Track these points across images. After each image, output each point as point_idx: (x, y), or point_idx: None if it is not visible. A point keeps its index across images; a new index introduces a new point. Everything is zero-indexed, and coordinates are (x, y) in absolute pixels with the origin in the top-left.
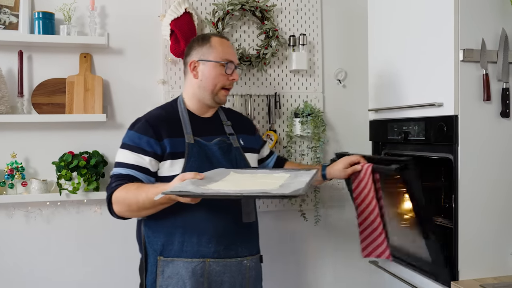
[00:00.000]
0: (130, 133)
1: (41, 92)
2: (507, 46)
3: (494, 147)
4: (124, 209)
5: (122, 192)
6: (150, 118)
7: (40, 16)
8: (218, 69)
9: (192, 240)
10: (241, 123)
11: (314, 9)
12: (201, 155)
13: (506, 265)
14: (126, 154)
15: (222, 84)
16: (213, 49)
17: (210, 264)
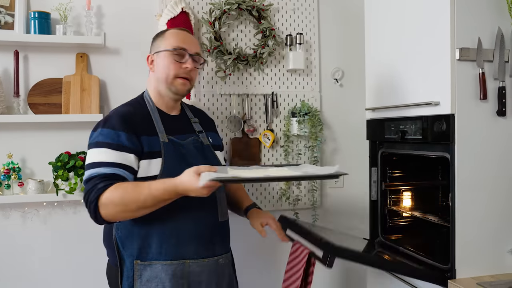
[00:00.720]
0: (104, 131)
1: (37, 92)
2: (503, 45)
3: (490, 146)
4: (118, 209)
5: (115, 192)
6: (124, 114)
7: (36, 15)
8: (169, 58)
9: (171, 242)
10: (207, 120)
11: (311, 8)
12: (176, 155)
13: (503, 263)
14: (105, 152)
15: (175, 73)
16: (165, 40)
17: (190, 265)
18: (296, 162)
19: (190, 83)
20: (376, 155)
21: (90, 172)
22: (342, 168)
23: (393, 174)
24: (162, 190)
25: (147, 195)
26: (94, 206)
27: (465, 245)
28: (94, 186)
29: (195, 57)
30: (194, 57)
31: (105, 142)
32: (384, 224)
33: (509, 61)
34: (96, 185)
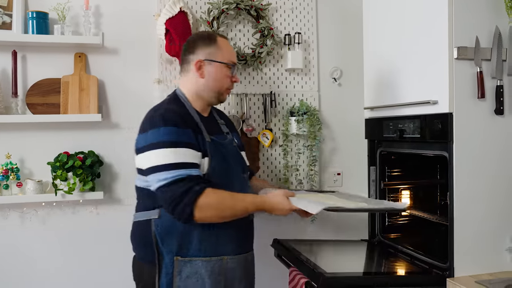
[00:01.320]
0: (168, 129)
1: (36, 92)
2: (500, 44)
3: (488, 144)
4: (214, 213)
5: (213, 197)
6: (179, 111)
7: (34, 15)
8: (224, 71)
9: (211, 239)
10: (229, 121)
11: (309, 7)
12: (219, 154)
13: (501, 262)
14: (178, 152)
15: (228, 86)
16: (220, 50)
17: (227, 262)
18: (295, 162)
19: None
20: (374, 154)
21: (173, 173)
22: (340, 167)
23: (392, 173)
24: (253, 204)
25: (241, 206)
26: (190, 208)
27: (463, 244)
28: (190, 188)
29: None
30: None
31: (171, 141)
32: (383, 223)
33: (506, 60)
34: (192, 187)
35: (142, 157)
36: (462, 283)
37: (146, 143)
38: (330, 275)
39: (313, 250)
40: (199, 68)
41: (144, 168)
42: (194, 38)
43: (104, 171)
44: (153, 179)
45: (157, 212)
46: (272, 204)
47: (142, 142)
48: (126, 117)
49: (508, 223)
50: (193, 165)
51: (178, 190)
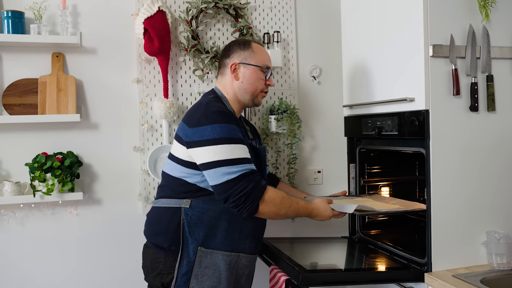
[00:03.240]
0: (225, 126)
1: (12, 92)
2: (474, 42)
3: (464, 141)
4: (274, 209)
5: (276, 194)
6: (229, 110)
7: (9, 15)
8: (258, 74)
9: (234, 235)
10: (252, 128)
11: (288, 6)
12: (254, 157)
13: (477, 256)
14: (240, 148)
15: (262, 88)
16: (254, 54)
17: (241, 259)
18: (275, 160)
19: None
20: (354, 152)
21: (240, 168)
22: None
23: (371, 170)
24: (304, 209)
25: (295, 208)
26: (258, 202)
27: (440, 239)
28: (258, 183)
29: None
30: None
31: (231, 137)
32: (363, 220)
33: (480, 58)
34: (259, 182)
35: (198, 151)
36: (439, 277)
37: (204, 138)
38: (309, 272)
39: (293, 248)
40: (234, 70)
41: (200, 161)
42: (230, 44)
43: (83, 171)
44: (216, 173)
45: (188, 202)
46: (319, 210)
47: (197, 136)
48: (105, 117)
49: (483, 217)
50: (251, 161)
51: (249, 184)
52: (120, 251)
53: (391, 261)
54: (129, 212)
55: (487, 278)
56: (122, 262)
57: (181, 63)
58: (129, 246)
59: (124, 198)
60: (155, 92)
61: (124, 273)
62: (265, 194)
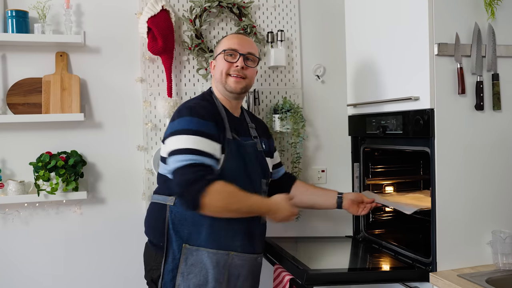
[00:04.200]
0: (193, 120)
1: (17, 92)
2: (480, 40)
3: (469, 139)
4: (220, 205)
5: (224, 188)
6: (206, 106)
7: (14, 14)
8: (222, 59)
9: (220, 233)
10: (262, 126)
11: (292, 5)
12: (238, 154)
13: (482, 255)
14: (200, 141)
15: (226, 71)
16: (220, 44)
17: (233, 257)
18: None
19: (245, 81)
20: (358, 151)
21: (189, 157)
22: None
23: (375, 169)
24: (257, 205)
25: (248, 204)
26: (199, 195)
27: (445, 239)
28: (202, 176)
29: (249, 56)
30: (247, 56)
31: (193, 129)
32: (367, 219)
33: (486, 56)
34: (204, 176)
35: (165, 143)
36: (444, 277)
37: (171, 131)
38: (314, 272)
39: (297, 247)
40: (213, 68)
41: (165, 154)
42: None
43: (87, 170)
44: (171, 162)
45: (173, 199)
46: (278, 207)
47: (168, 130)
48: (109, 116)
49: (489, 217)
50: (209, 155)
51: (191, 175)
52: (124, 250)
53: (396, 261)
54: (133, 211)
55: (492, 278)
56: (126, 261)
57: (184, 62)
58: (133, 245)
59: (128, 197)
60: (159, 91)
61: (128, 272)
62: (209, 187)
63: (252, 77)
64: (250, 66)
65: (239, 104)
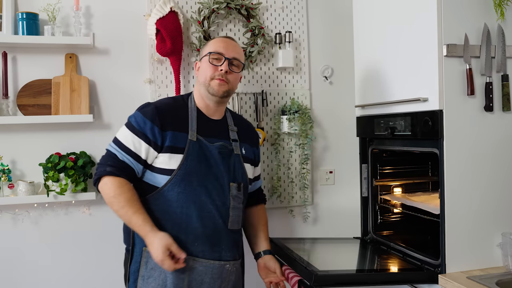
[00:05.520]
0: (137, 115)
1: (27, 93)
2: (489, 41)
3: (478, 141)
4: (106, 198)
5: (112, 189)
6: (160, 105)
7: (24, 16)
8: (207, 62)
9: (180, 237)
10: (247, 132)
11: (300, 6)
12: (200, 155)
13: (492, 257)
14: (127, 134)
15: (211, 75)
16: (206, 47)
17: (193, 263)
18: (287, 160)
19: (228, 85)
20: (366, 152)
21: (112, 145)
22: (332, 165)
23: (384, 170)
24: (138, 225)
25: (126, 216)
26: (97, 179)
27: (455, 240)
28: (104, 165)
29: (234, 61)
30: (232, 61)
31: (131, 124)
32: (375, 220)
33: (495, 57)
34: (106, 165)
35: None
36: (453, 279)
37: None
38: (322, 273)
39: (305, 248)
40: (198, 69)
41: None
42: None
43: None
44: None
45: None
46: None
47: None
48: (117, 117)
49: (498, 219)
50: (130, 152)
51: (101, 160)
52: None
53: (404, 262)
54: None
55: (502, 280)
56: None
57: (193, 64)
58: None
59: None
60: (167, 92)
61: None
62: (103, 178)
63: (235, 82)
64: (234, 71)
65: (221, 107)
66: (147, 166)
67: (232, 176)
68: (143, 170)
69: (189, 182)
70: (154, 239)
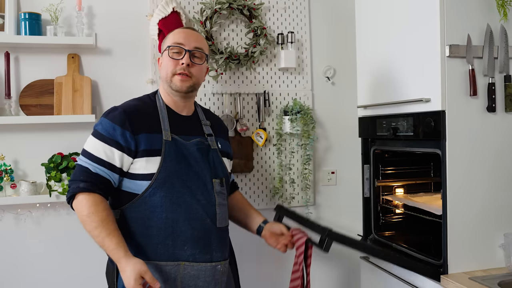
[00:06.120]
0: (104, 122)
1: (29, 93)
2: (492, 42)
3: (481, 141)
4: (81, 214)
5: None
6: (128, 108)
7: (27, 16)
8: (167, 56)
9: (167, 243)
10: (220, 126)
11: (302, 6)
12: (178, 155)
13: (494, 258)
14: (96, 144)
15: (172, 70)
16: (166, 40)
17: (184, 268)
18: (289, 161)
19: (191, 79)
20: (368, 153)
21: (82, 159)
22: (334, 165)
23: (386, 171)
24: (110, 247)
25: (100, 237)
26: (70, 196)
27: (457, 241)
28: (77, 181)
29: (195, 52)
30: (194, 53)
31: (100, 133)
32: (377, 221)
33: (498, 58)
34: (79, 181)
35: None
36: (456, 279)
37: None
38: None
39: None
40: (160, 65)
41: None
42: None
43: None
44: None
45: (118, 212)
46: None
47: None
48: None
49: (501, 219)
50: (102, 162)
51: (73, 176)
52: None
53: None
54: None
55: (505, 281)
56: None
57: None
58: None
59: None
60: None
61: None
62: (78, 196)
63: (199, 75)
64: (197, 63)
65: (189, 102)
66: (123, 174)
67: (213, 172)
68: (119, 179)
69: (171, 184)
70: (127, 265)
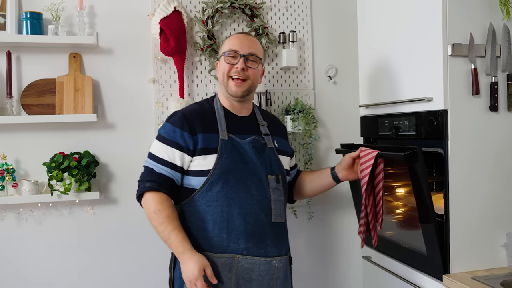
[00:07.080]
0: (166, 126)
1: (31, 92)
2: (494, 40)
3: (483, 141)
4: (147, 213)
5: (153, 206)
6: (186, 112)
7: (28, 16)
8: (224, 61)
9: (222, 236)
10: (277, 125)
11: (304, 5)
12: (234, 152)
13: (497, 258)
14: (160, 147)
15: (227, 72)
16: (223, 45)
17: (239, 261)
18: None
19: (247, 82)
20: None
21: (148, 161)
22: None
23: (387, 171)
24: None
25: (164, 232)
26: (139, 195)
27: (459, 240)
28: (144, 181)
29: (250, 57)
30: (249, 57)
31: (162, 136)
32: None
33: (500, 56)
34: (145, 181)
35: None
36: (458, 279)
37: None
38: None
39: None
40: (217, 69)
41: None
42: None
43: (100, 171)
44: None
45: (178, 207)
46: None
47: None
48: (121, 117)
49: (503, 219)
50: (165, 163)
51: (141, 177)
52: (136, 250)
53: None
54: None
55: (507, 281)
56: (138, 261)
57: (196, 63)
58: (145, 245)
59: None
60: (171, 92)
61: (140, 273)
62: (146, 195)
63: (255, 78)
64: (251, 66)
65: (247, 104)
66: (185, 172)
67: (269, 169)
68: (181, 177)
69: (226, 179)
70: (191, 258)
